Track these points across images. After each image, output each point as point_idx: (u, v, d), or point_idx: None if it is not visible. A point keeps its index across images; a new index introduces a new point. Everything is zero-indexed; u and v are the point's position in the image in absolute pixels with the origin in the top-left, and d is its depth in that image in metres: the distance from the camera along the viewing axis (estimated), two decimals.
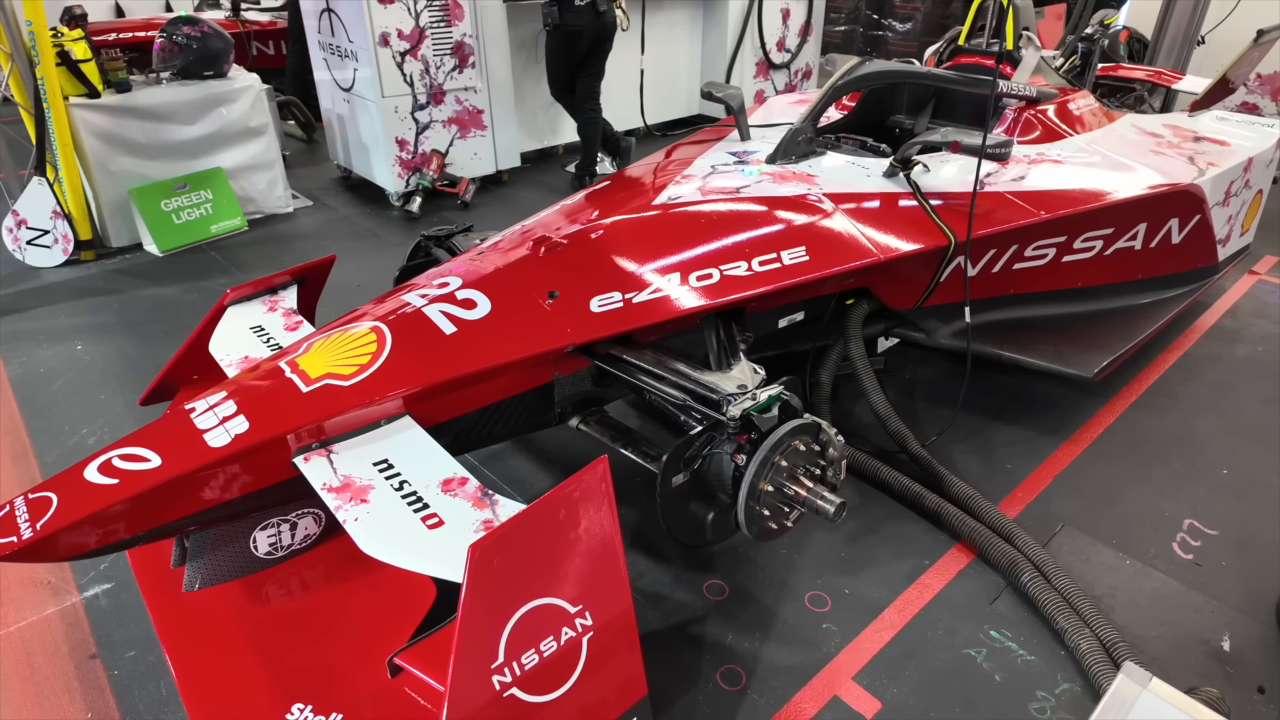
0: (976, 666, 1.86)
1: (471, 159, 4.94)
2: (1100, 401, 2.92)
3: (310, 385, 1.70)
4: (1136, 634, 1.96)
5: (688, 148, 2.97)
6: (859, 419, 2.80)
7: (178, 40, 4.16)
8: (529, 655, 1.36)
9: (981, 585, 2.10)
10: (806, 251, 2.18)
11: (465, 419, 1.88)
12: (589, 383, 2.12)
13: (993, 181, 2.58)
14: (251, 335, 2.15)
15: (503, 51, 4.85)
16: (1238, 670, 1.87)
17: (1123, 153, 2.95)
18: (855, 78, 2.74)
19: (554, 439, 2.66)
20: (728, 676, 1.83)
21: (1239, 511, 2.39)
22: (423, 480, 1.57)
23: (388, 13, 4.26)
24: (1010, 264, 2.64)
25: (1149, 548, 2.25)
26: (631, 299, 1.96)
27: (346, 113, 4.82)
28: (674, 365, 1.92)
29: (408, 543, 1.43)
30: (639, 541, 2.25)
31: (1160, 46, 5.84)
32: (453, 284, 1.94)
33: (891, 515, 2.35)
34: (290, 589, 1.83)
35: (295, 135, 6.09)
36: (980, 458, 2.61)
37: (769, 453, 1.72)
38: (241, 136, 4.38)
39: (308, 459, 1.64)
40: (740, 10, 6.13)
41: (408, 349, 1.76)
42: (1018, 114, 2.99)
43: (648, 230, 2.22)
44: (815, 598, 2.06)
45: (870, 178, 2.54)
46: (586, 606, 1.44)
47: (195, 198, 4.20)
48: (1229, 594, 2.09)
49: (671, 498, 1.78)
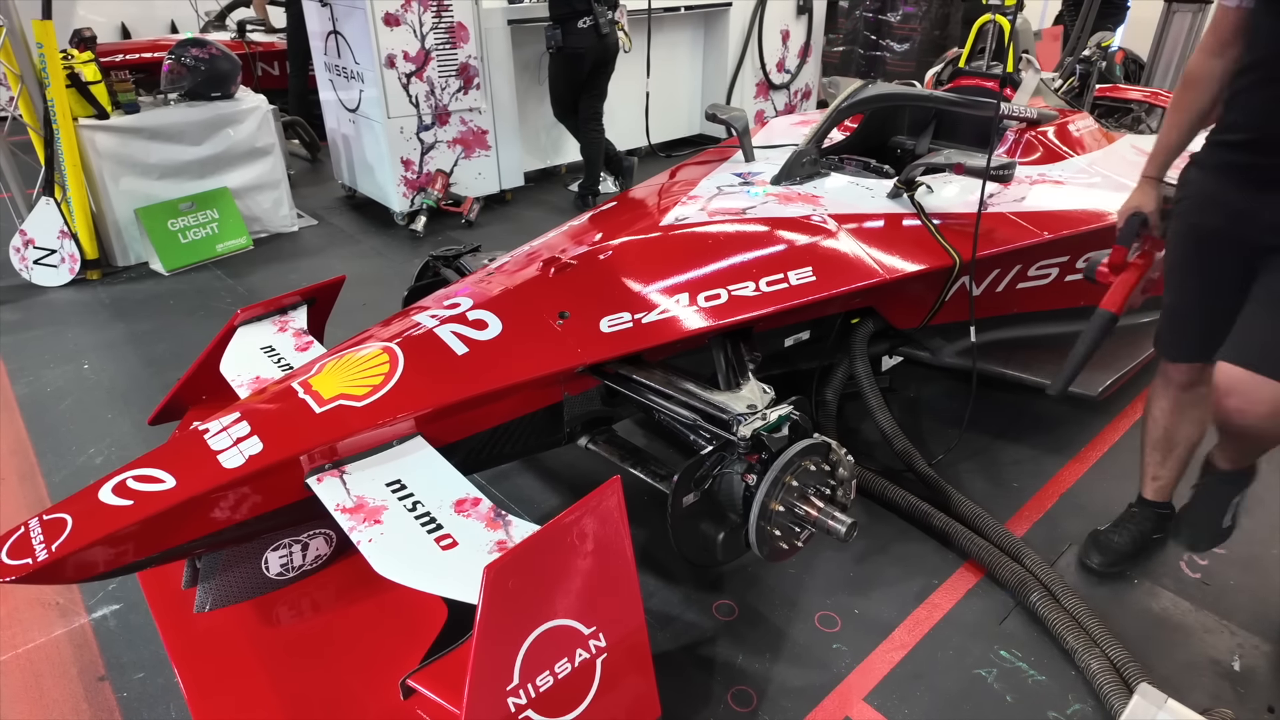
0: (987, 687, 1.86)
1: (475, 179, 4.98)
2: (1104, 420, 2.93)
3: (324, 406, 1.71)
4: (1146, 653, 1.96)
5: (692, 168, 3.00)
6: (865, 437, 2.81)
7: (186, 62, 4.20)
8: (544, 677, 1.36)
9: (990, 605, 2.10)
10: (813, 272, 2.20)
11: (476, 439, 1.89)
12: (598, 402, 2.13)
13: (996, 202, 2.60)
14: (262, 356, 2.16)
15: (507, 73, 4.91)
16: (1248, 690, 1.87)
17: (1122, 173, 2.98)
18: (859, 100, 2.78)
19: (561, 458, 2.66)
20: (739, 698, 1.83)
21: (1244, 529, 2.38)
22: (436, 501, 1.57)
23: (394, 35, 4.31)
24: (1014, 283, 2.66)
25: (1157, 566, 2.25)
26: (641, 319, 1.98)
27: (352, 133, 4.87)
28: (683, 385, 1.93)
29: (422, 564, 1.43)
30: (648, 561, 2.25)
31: (1156, 67, 5.93)
32: (464, 304, 1.95)
33: (900, 535, 2.35)
34: (301, 610, 1.83)
35: (300, 155, 6.14)
36: (986, 476, 2.62)
37: (780, 472, 1.72)
38: (248, 156, 4.42)
39: (321, 480, 1.64)
40: (741, 32, 6.21)
41: (420, 370, 1.77)
42: (1019, 135, 3.03)
43: (655, 251, 2.24)
44: (825, 618, 2.06)
45: (874, 199, 2.56)
46: (600, 628, 1.44)
47: (201, 217, 4.23)
48: (1237, 612, 2.09)
49: (682, 517, 1.78)
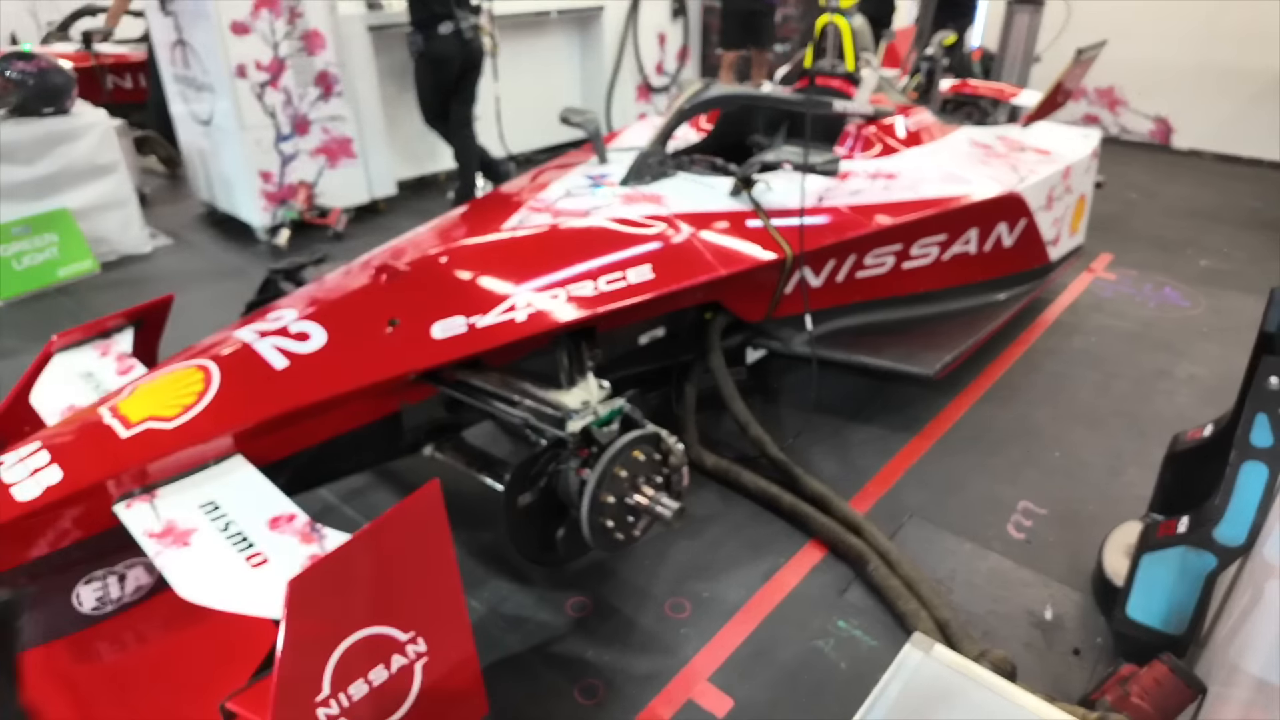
0: (823, 657, 1.95)
1: (342, 189, 4.85)
2: (949, 398, 3.11)
3: (131, 429, 1.64)
4: (972, 611, 2.10)
5: (550, 172, 3.02)
6: (726, 428, 2.89)
7: (11, 76, 3.92)
8: (357, 685, 1.35)
9: (833, 579, 2.20)
10: (652, 269, 2.26)
11: (305, 454, 1.85)
12: (441, 410, 2.12)
13: (831, 196, 2.73)
14: (80, 382, 2.04)
15: (370, 80, 4.80)
16: (1057, 635, 2.02)
17: (954, 164, 3.18)
18: (699, 102, 2.87)
19: (422, 471, 2.63)
20: (586, 691, 1.85)
21: (1066, 490, 2.59)
22: (250, 520, 1.53)
23: (244, 43, 4.15)
24: (852, 273, 2.79)
25: (987, 530, 2.41)
26: (475, 323, 1.98)
27: (207, 146, 4.66)
28: (520, 385, 1.95)
29: (228, 583, 1.40)
30: (502, 565, 2.24)
31: (1003, 63, 6.33)
32: (286, 317, 1.91)
33: (752, 518, 2.43)
34: (124, 643, 1.75)
35: (157, 171, 5.83)
36: (837, 457, 2.74)
37: (608, 464, 1.76)
38: (89, 174, 4.16)
39: (129, 505, 1.58)
40: (616, 35, 6.28)
41: (235, 386, 1.72)
42: (858, 131, 3.19)
43: (494, 253, 2.25)
44: (675, 604, 2.11)
45: (716, 197, 2.65)
46: (420, 632, 1.44)
47: (39, 241, 3.96)
48: (1054, 567, 2.26)
49: (519, 518, 1.80)
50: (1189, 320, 3.79)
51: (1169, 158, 6.61)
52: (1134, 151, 6.65)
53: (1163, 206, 5.42)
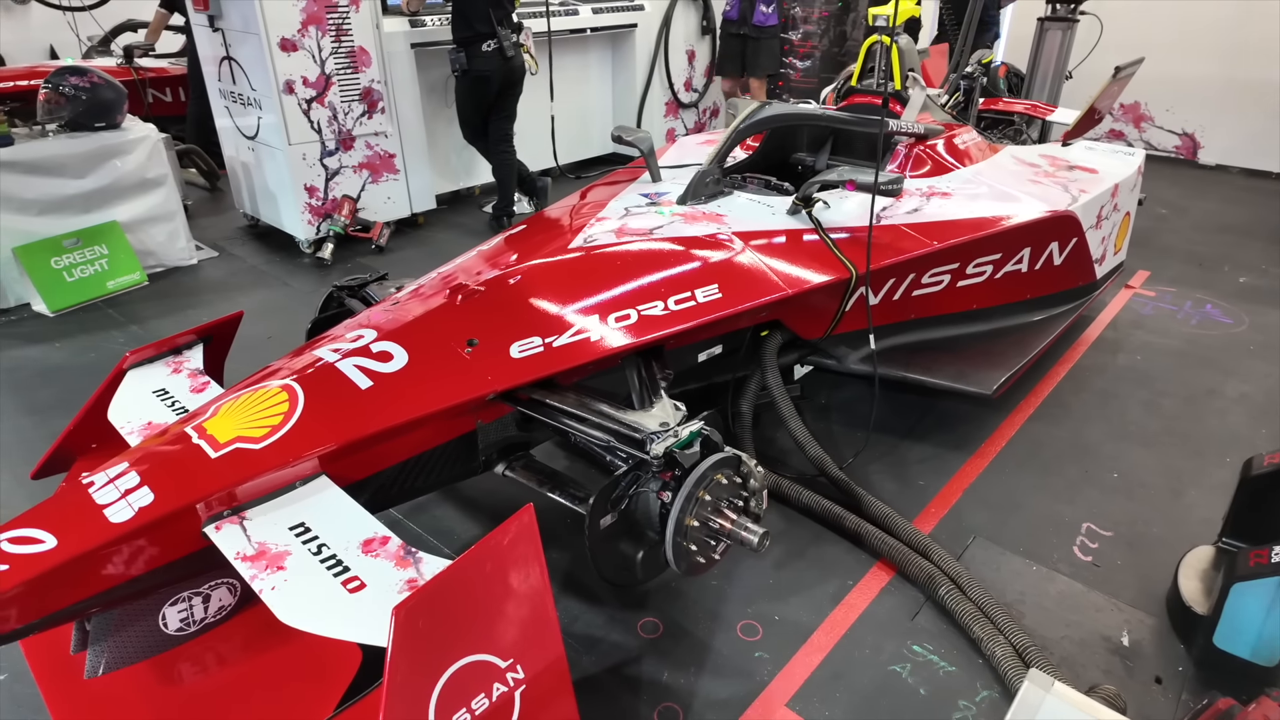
0: (902, 682, 1.93)
1: (385, 203, 4.89)
2: (1001, 415, 3.09)
3: (219, 450, 1.65)
4: (1045, 636, 2.07)
5: (602, 189, 3.03)
6: (780, 445, 2.88)
7: (64, 91, 3.99)
8: (460, 715, 1.34)
9: (902, 601, 2.19)
10: (719, 289, 2.26)
11: (385, 474, 1.85)
12: (513, 428, 2.12)
13: (890, 215, 2.73)
14: (155, 399, 2.06)
15: (412, 96, 4.85)
16: (1137, 663, 2.00)
17: (1005, 183, 3.17)
18: (756, 121, 2.87)
19: (480, 486, 2.63)
20: (665, 715, 1.84)
21: (1129, 512, 2.57)
22: (342, 542, 1.53)
23: (292, 60, 4.20)
24: (910, 291, 2.78)
25: (1052, 552, 2.39)
26: (551, 343, 1.98)
27: (252, 160, 4.71)
28: (597, 406, 1.94)
29: (329, 609, 1.39)
30: (571, 585, 2.24)
31: (1034, 81, 6.32)
32: (367, 336, 1.92)
33: (815, 539, 2.42)
34: (205, 665, 1.75)
35: (198, 184, 5.90)
36: (894, 476, 2.73)
37: (693, 488, 1.75)
38: (138, 188, 4.21)
39: (219, 528, 1.58)
40: (647, 52, 6.32)
41: (321, 407, 1.73)
42: (909, 150, 3.18)
43: (565, 273, 2.25)
44: (747, 627, 2.09)
45: (775, 215, 2.65)
46: (518, 659, 1.43)
47: (89, 253, 4.01)
48: (1125, 591, 2.23)
49: (600, 539, 1.79)
50: (1234, 338, 3.76)
51: (1196, 173, 6.58)
52: (1160, 167, 6.63)
53: (1193, 222, 5.39)
